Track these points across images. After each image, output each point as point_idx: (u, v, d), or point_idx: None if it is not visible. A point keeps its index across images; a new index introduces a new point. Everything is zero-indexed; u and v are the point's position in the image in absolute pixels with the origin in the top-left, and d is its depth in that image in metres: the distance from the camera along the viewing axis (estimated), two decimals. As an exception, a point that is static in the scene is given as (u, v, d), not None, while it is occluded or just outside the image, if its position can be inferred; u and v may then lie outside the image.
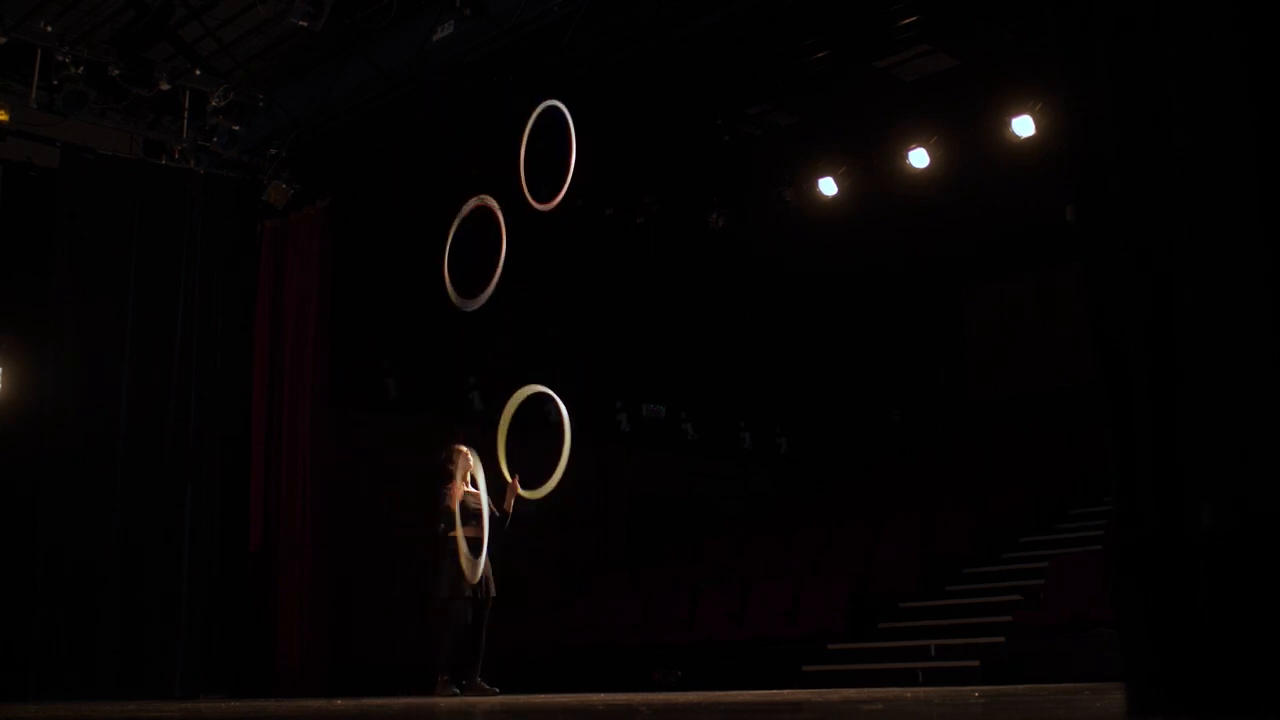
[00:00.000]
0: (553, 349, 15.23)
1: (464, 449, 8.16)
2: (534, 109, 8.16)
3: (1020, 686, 7.98)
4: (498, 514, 8.01)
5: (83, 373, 10.84)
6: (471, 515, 7.95)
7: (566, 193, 8.00)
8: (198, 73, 10.59)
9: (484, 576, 7.88)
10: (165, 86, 10.53)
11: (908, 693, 7.52)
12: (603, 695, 7.73)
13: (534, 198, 8.00)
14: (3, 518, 10.53)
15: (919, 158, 12.18)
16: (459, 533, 7.84)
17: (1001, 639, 9.38)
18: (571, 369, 15.40)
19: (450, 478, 8.04)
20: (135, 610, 10.36)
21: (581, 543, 14.21)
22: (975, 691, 7.22)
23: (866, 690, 7.97)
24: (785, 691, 7.99)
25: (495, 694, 7.75)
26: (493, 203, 8.16)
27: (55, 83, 10.25)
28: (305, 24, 9.49)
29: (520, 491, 8.04)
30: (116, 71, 10.31)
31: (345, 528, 11.77)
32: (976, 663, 9.12)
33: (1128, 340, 3.35)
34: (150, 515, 10.72)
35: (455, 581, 7.79)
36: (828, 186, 13.03)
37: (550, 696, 7.73)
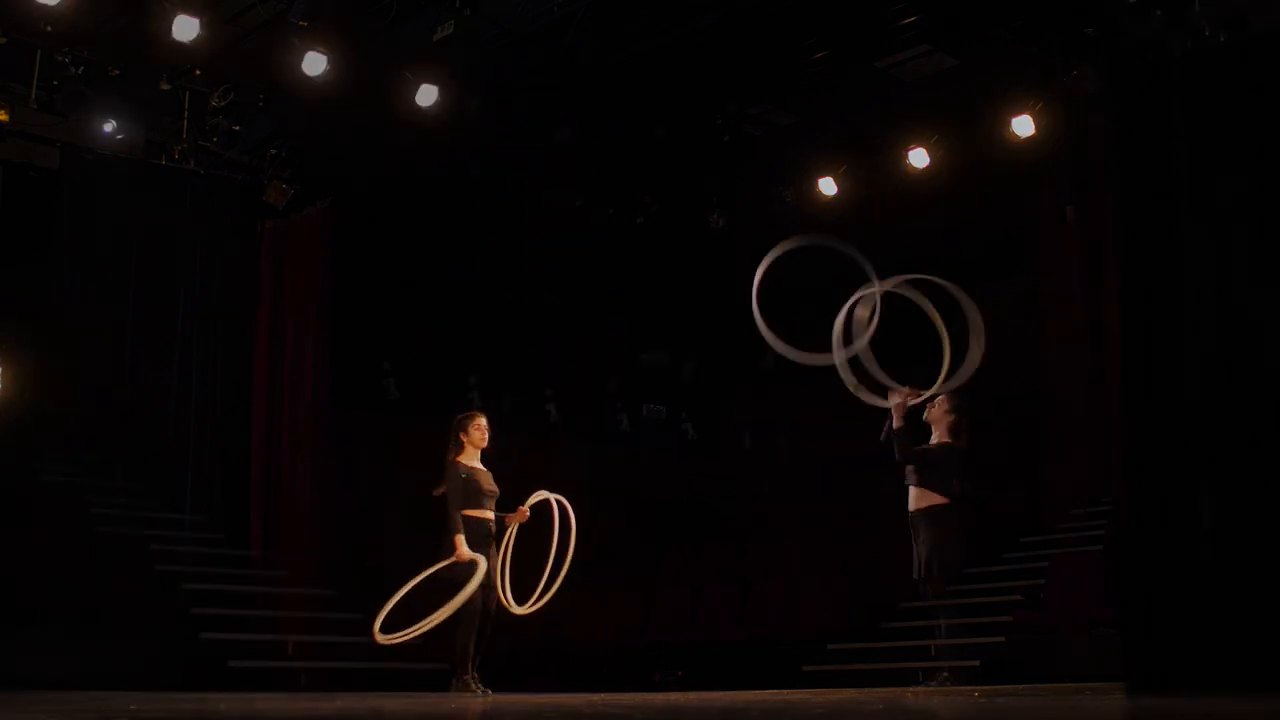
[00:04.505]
0: (553, 349, 15.25)
1: (480, 416, 7.85)
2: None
3: (1020, 686, 7.98)
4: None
5: (83, 372, 10.84)
6: (487, 495, 7.68)
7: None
8: (198, 73, 10.59)
9: (493, 564, 7.59)
10: (165, 86, 10.53)
11: (908, 693, 7.53)
12: (603, 695, 7.73)
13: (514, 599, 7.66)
14: (2, 518, 10.53)
15: (919, 158, 12.17)
16: (473, 512, 7.56)
17: (1001, 639, 9.39)
18: (572, 369, 15.43)
19: (460, 447, 7.71)
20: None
21: (581, 543, 14.18)
22: (975, 691, 7.22)
23: (867, 690, 7.97)
24: (785, 691, 7.98)
25: (487, 695, 7.55)
26: (559, 500, 7.76)
27: (55, 83, 10.25)
28: (305, 24, 9.51)
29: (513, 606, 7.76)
30: (116, 71, 10.32)
31: (346, 528, 11.77)
32: (976, 663, 9.12)
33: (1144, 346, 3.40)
34: (150, 516, 10.73)
35: (467, 566, 7.46)
36: (828, 186, 13.02)
37: (550, 696, 7.72)
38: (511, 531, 7.88)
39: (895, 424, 7.84)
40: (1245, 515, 7.41)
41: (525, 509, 7.83)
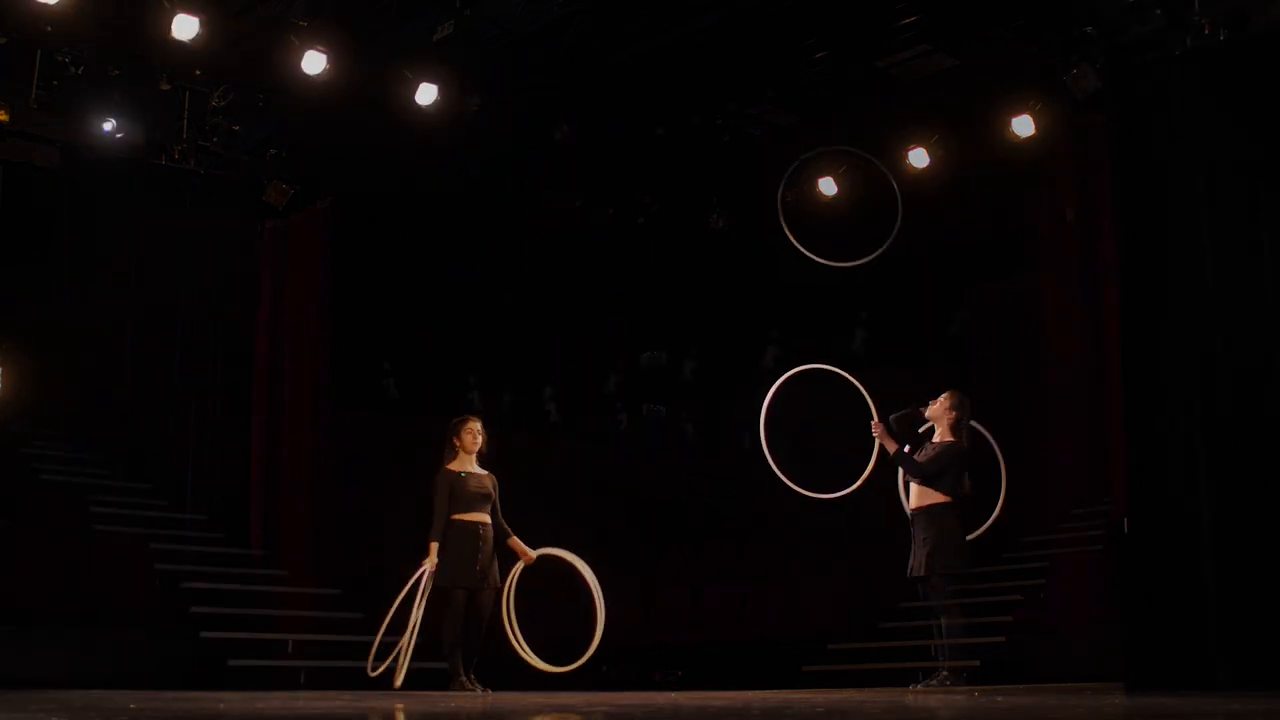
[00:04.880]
0: (553, 349, 15.26)
1: (473, 420, 7.90)
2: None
3: (1020, 686, 7.98)
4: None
5: (83, 372, 10.84)
6: (476, 498, 7.71)
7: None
8: (198, 73, 10.59)
9: (486, 566, 7.67)
10: (165, 86, 10.53)
11: (908, 692, 7.53)
12: (603, 695, 7.73)
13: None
14: (2, 517, 10.54)
15: (919, 158, 12.17)
16: (461, 516, 7.60)
17: (1002, 639, 9.39)
18: (572, 369, 15.44)
19: (453, 452, 7.79)
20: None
21: (581, 543, 14.19)
22: (975, 691, 7.22)
23: (867, 690, 7.97)
24: (785, 691, 7.98)
25: (486, 694, 7.56)
26: (580, 564, 7.86)
27: (55, 83, 10.24)
28: (305, 24, 9.51)
29: (528, 655, 7.85)
30: (116, 71, 10.32)
31: (346, 528, 11.78)
32: (976, 663, 9.13)
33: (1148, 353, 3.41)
34: (150, 515, 10.73)
35: (455, 569, 7.56)
36: (828, 186, 13.02)
37: (550, 696, 7.72)
38: (515, 573, 7.88)
39: (891, 450, 7.83)
40: (1245, 515, 7.42)
41: (533, 555, 7.84)
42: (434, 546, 7.58)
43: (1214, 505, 7.50)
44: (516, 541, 7.85)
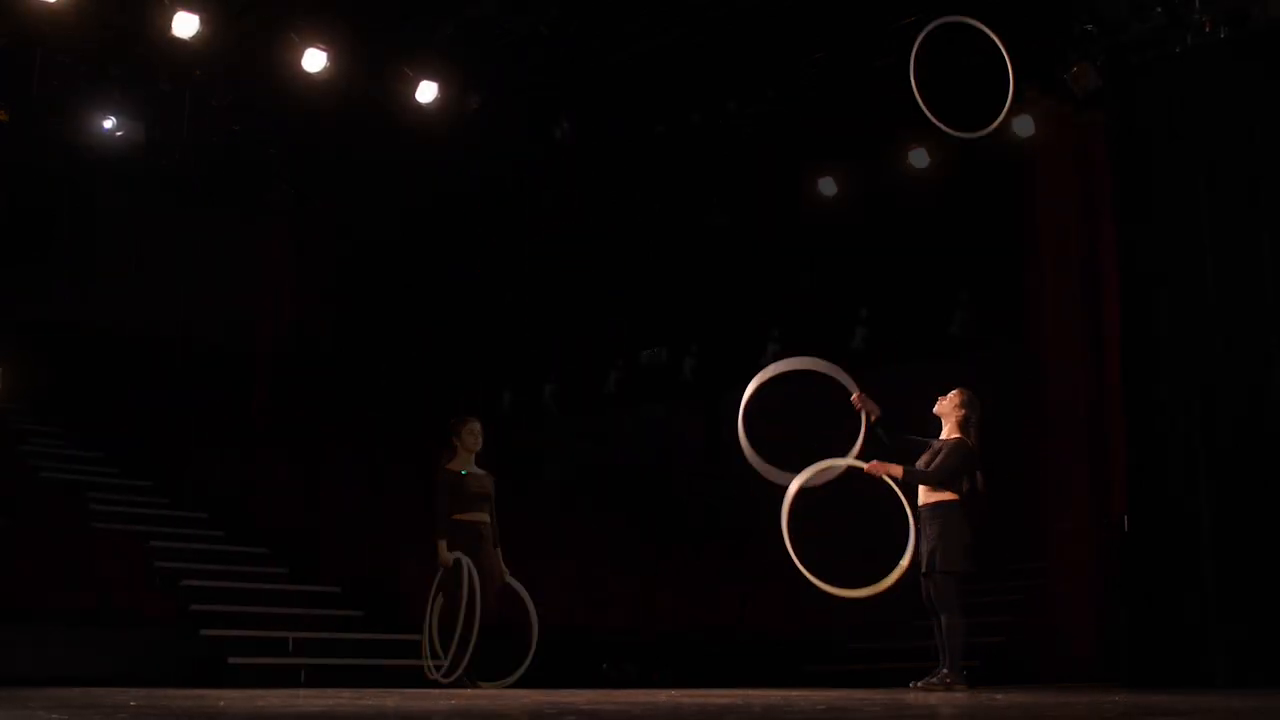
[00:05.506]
0: (553, 348, 15.26)
1: (472, 420, 7.91)
2: None
3: (1020, 686, 7.98)
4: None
5: (85, 372, 10.86)
6: (477, 497, 7.70)
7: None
8: (198, 73, 10.60)
9: (489, 564, 7.65)
10: (165, 86, 10.54)
11: (908, 692, 7.52)
12: (603, 694, 7.72)
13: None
14: (2, 515, 10.55)
15: (919, 158, 12.18)
16: (462, 516, 7.58)
17: (1002, 639, 9.39)
18: (571, 368, 15.44)
19: (453, 451, 7.78)
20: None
21: (582, 542, 14.21)
22: (975, 691, 7.22)
23: (867, 690, 7.97)
24: (785, 691, 7.98)
25: (478, 689, 7.57)
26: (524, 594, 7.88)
27: (55, 83, 10.26)
28: (305, 23, 9.51)
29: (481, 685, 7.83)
30: (117, 71, 10.33)
31: (346, 527, 11.78)
32: (976, 663, 9.13)
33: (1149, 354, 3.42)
34: (150, 513, 10.74)
35: (457, 567, 7.52)
36: (827, 186, 13.03)
37: (550, 694, 7.72)
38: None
39: (899, 475, 7.76)
40: (1245, 515, 7.42)
41: (508, 578, 7.87)
42: (443, 545, 7.58)
43: (1214, 505, 7.51)
44: (499, 555, 7.86)
